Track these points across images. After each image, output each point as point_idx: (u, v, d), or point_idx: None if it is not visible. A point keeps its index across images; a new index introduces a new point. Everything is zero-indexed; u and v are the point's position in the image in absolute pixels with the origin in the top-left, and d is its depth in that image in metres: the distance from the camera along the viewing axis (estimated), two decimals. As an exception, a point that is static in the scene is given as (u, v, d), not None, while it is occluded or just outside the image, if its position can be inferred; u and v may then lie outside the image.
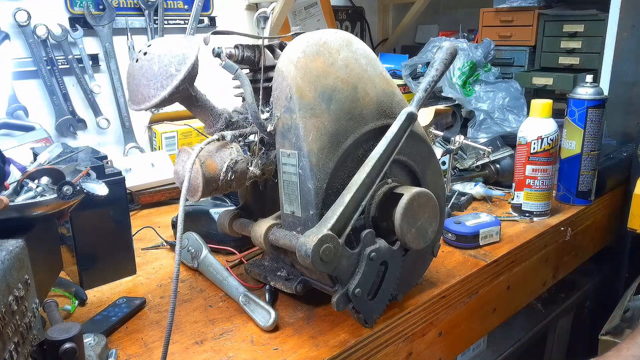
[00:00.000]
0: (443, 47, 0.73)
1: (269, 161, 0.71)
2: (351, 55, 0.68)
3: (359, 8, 2.00)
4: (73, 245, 0.81)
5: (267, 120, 0.67)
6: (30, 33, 1.22)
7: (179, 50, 0.65)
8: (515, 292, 0.99)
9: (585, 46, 1.39)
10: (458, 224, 0.95)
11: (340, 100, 0.66)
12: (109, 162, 0.84)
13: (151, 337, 0.70)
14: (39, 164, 0.77)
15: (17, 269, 0.53)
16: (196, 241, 0.88)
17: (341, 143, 0.65)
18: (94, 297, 0.81)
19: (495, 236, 0.96)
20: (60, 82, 1.29)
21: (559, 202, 1.16)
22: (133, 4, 1.39)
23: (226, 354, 0.66)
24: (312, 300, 0.76)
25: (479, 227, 0.94)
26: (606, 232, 1.27)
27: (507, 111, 1.30)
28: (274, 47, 0.74)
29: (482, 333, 0.99)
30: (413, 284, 0.79)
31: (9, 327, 0.49)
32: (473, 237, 0.94)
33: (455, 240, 0.94)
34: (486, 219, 0.97)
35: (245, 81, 0.67)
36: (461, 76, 1.38)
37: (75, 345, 0.50)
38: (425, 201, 0.68)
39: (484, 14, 1.62)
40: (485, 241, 0.95)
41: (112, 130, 1.40)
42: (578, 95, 1.10)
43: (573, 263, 1.18)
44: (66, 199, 0.64)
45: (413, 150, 0.72)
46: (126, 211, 0.87)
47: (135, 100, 0.66)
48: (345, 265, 0.63)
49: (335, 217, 0.61)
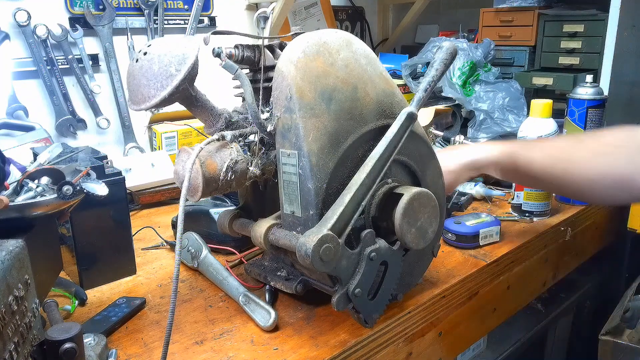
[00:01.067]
0: (443, 47, 0.73)
1: (269, 161, 0.71)
2: (351, 55, 0.68)
3: (359, 8, 2.00)
4: (73, 245, 0.81)
5: (267, 120, 0.67)
6: (30, 33, 1.22)
7: (179, 50, 0.65)
8: (515, 292, 0.99)
9: (585, 46, 1.39)
10: (458, 224, 0.95)
11: (340, 100, 0.66)
12: (109, 162, 0.84)
13: (151, 337, 0.70)
14: (39, 164, 0.77)
15: (17, 269, 0.53)
16: (196, 241, 0.88)
17: (341, 143, 0.65)
18: (94, 297, 0.81)
19: (495, 236, 0.96)
20: (60, 82, 1.29)
21: (559, 202, 1.16)
22: (133, 4, 1.39)
23: (226, 354, 0.66)
24: (312, 300, 0.76)
25: (479, 227, 0.94)
26: (606, 232, 1.27)
27: (507, 111, 1.31)
28: (274, 47, 0.74)
29: (482, 333, 0.99)
30: (413, 284, 0.79)
31: (9, 327, 0.49)
32: (473, 237, 0.94)
33: (455, 240, 0.94)
34: (486, 219, 0.97)
35: (245, 81, 0.67)
36: (461, 76, 1.38)
37: (75, 345, 0.50)
38: (425, 201, 0.68)
39: (484, 14, 1.62)
40: (485, 241, 0.95)
41: (112, 130, 1.40)
42: (578, 95, 1.10)
43: (573, 263, 1.18)
44: (66, 199, 0.64)
45: (413, 150, 0.72)
46: (126, 211, 0.87)
47: (135, 100, 0.66)
48: (345, 265, 0.63)
49: (335, 217, 0.61)
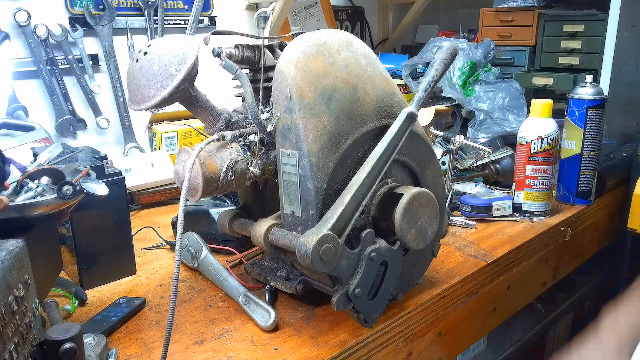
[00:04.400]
0: (443, 47, 0.73)
1: (269, 161, 0.71)
2: (351, 55, 0.68)
3: (359, 8, 2.00)
4: (73, 245, 0.81)
5: (267, 120, 0.67)
6: (30, 33, 1.22)
7: (179, 50, 0.65)
8: (515, 292, 0.99)
9: (585, 46, 1.39)
10: (474, 197, 1.08)
11: (340, 100, 0.66)
12: (109, 162, 0.84)
13: (151, 337, 0.70)
14: (39, 164, 0.77)
15: (17, 269, 0.53)
16: (196, 241, 0.88)
17: (341, 143, 0.65)
18: (94, 297, 0.81)
19: (507, 209, 1.07)
20: (60, 82, 1.29)
21: (559, 202, 1.16)
22: (133, 4, 1.39)
23: (226, 354, 0.66)
24: (312, 300, 0.76)
25: (493, 200, 1.06)
26: (606, 232, 1.27)
27: (507, 111, 1.30)
28: (274, 47, 0.74)
29: (482, 333, 0.99)
30: (413, 284, 0.79)
31: (9, 327, 0.49)
32: (486, 208, 1.05)
33: (470, 212, 1.06)
34: (499, 194, 1.11)
35: (245, 81, 0.67)
36: (461, 76, 1.37)
37: (75, 345, 0.50)
38: (425, 201, 0.68)
39: (484, 14, 1.62)
40: (497, 213, 1.06)
41: (112, 130, 1.40)
42: (578, 95, 1.10)
43: (573, 263, 1.18)
44: (66, 199, 0.64)
45: (413, 150, 0.72)
46: (126, 211, 0.87)
47: (135, 100, 0.66)
48: (345, 265, 0.63)
49: (335, 217, 0.61)
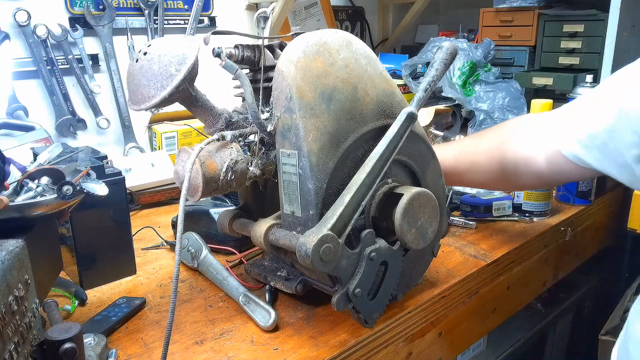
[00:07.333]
0: (443, 47, 0.73)
1: (269, 161, 0.71)
2: (351, 55, 0.68)
3: (359, 8, 2.00)
4: (73, 245, 0.81)
5: (267, 120, 0.67)
6: (30, 33, 1.22)
7: (179, 50, 0.65)
8: (515, 292, 0.99)
9: (585, 46, 1.39)
10: (474, 197, 1.07)
11: (340, 100, 0.66)
12: (109, 162, 0.84)
13: (151, 337, 0.70)
14: (39, 164, 0.77)
15: (17, 269, 0.53)
16: (196, 241, 0.88)
17: (341, 143, 0.65)
18: (94, 297, 0.81)
19: (507, 209, 1.06)
20: (60, 82, 1.29)
21: (559, 202, 1.16)
22: (133, 4, 1.39)
23: (226, 354, 0.66)
24: (312, 300, 0.76)
25: (492, 200, 1.06)
26: (606, 232, 1.27)
27: (507, 111, 1.31)
28: (274, 47, 0.74)
29: (482, 333, 0.99)
30: (413, 284, 0.79)
31: (9, 327, 0.49)
32: (486, 208, 1.05)
33: (470, 212, 1.05)
34: (499, 194, 1.10)
35: (245, 81, 0.67)
36: (461, 76, 1.38)
37: (75, 345, 0.50)
38: (425, 201, 0.68)
39: (484, 14, 1.62)
40: (497, 213, 1.05)
41: (112, 130, 1.40)
42: (578, 95, 1.10)
43: (573, 263, 1.18)
44: (66, 199, 0.64)
45: (413, 150, 0.72)
46: (126, 211, 0.87)
47: (135, 100, 0.66)
48: (345, 265, 0.63)
49: (335, 217, 0.61)
